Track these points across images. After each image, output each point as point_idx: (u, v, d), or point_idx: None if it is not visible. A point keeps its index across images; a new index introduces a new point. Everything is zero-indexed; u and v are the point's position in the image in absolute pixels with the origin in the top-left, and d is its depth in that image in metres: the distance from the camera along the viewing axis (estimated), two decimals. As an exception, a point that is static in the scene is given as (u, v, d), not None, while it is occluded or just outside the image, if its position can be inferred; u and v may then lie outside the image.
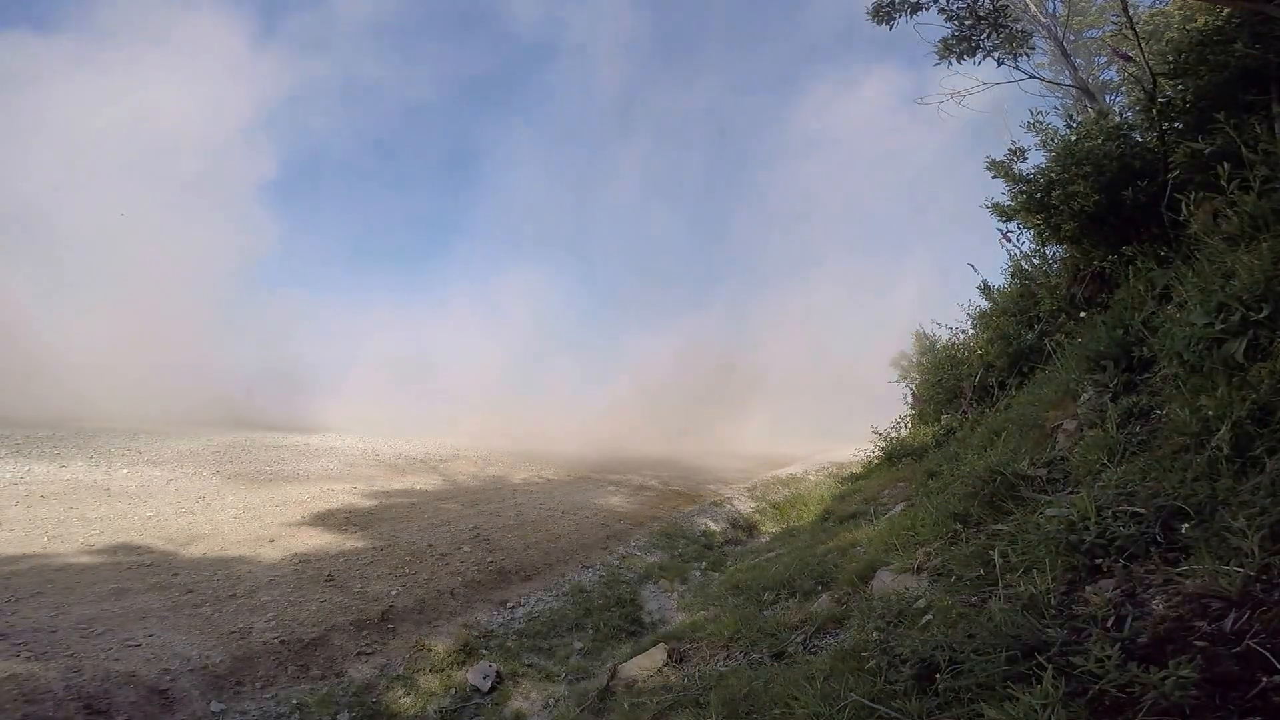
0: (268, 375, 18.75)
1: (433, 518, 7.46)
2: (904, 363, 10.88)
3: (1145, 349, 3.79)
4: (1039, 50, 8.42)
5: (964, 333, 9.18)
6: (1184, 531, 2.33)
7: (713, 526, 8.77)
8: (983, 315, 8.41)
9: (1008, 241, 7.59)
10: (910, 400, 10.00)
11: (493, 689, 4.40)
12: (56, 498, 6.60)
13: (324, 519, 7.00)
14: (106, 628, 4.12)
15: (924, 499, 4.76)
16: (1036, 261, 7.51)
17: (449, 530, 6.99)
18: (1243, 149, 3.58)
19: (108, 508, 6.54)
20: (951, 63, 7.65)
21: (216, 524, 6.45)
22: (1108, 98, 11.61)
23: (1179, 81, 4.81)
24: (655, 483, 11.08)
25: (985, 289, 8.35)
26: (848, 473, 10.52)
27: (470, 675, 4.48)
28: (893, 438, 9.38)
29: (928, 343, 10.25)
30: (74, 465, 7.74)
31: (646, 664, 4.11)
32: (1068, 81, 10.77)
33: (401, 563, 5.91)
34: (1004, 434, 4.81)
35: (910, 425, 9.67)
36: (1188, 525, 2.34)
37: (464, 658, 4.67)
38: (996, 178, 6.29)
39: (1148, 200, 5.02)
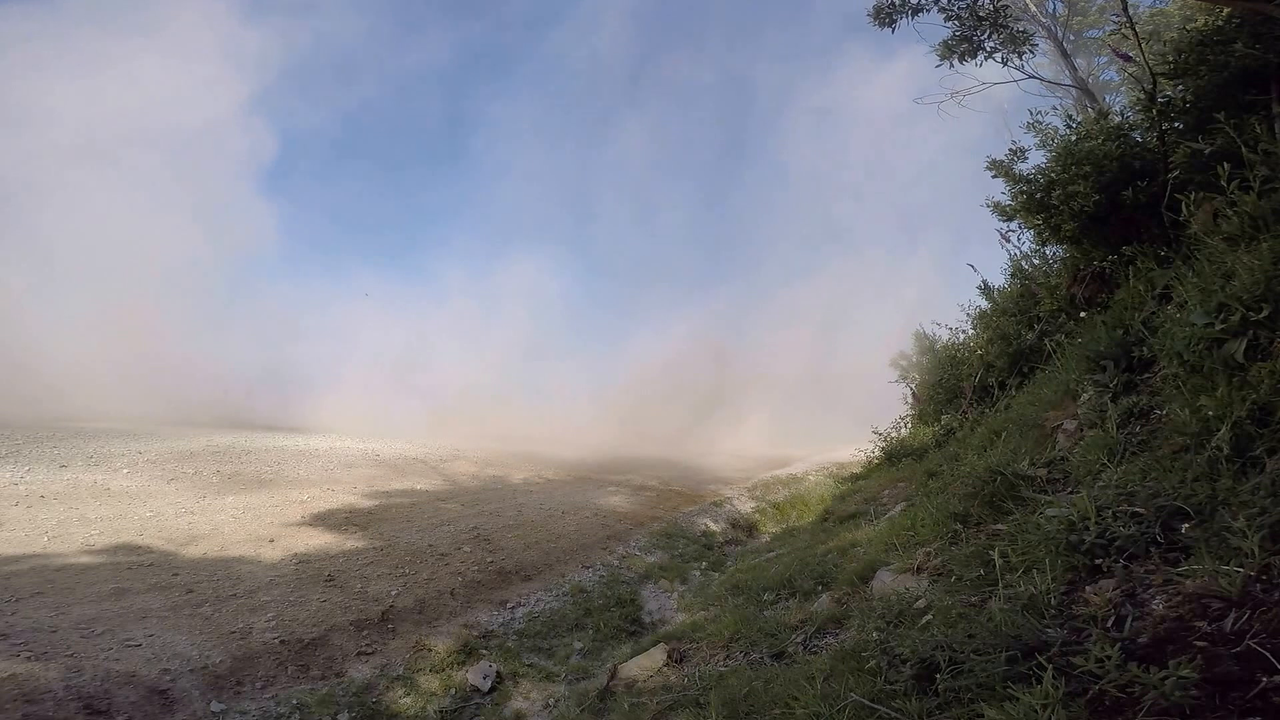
0: (264, 375, 18.43)
1: (433, 518, 7.46)
2: (904, 363, 10.85)
3: (1145, 349, 3.80)
4: (1039, 50, 8.41)
5: (964, 333, 9.19)
6: (1184, 531, 2.33)
7: (713, 526, 8.76)
8: (983, 315, 8.42)
9: (1007, 241, 7.61)
10: (910, 400, 10.01)
11: (493, 689, 4.40)
12: (56, 498, 6.60)
13: (324, 519, 7.00)
14: (106, 628, 4.12)
15: (924, 499, 4.76)
16: (1036, 261, 7.52)
17: (449, 530, 6.99)
18: (1243, 149, 3.58)
19: (108, 508, 6.53)
20: (953, 63, 7.65)
21: (216, 524, 6.45)
22: (1108, 98, 11.61)
23: (1179, 81, 4.81)
24: (655, 483, 11.08)
25: (985, 289, 8.35)
26: (848, 473, 10.51)
27: (470, 675, 4.48)
28: (893, 438, 9.38)
29: (928, 343, 10.25)
30: (74, 465, 7.74)
31: (646, 664, 4.12)
32: (1068, 81, 10.78)
33: (401, 563, 5.91)
34: (1004, 434, 4.82)
35: (910, 425, 9.68)
36: (1188, 525, 2.34)
37: (464, 658, 4.67)
38: (997, 177, 6.29)
39: (1148, 200, 5.02)
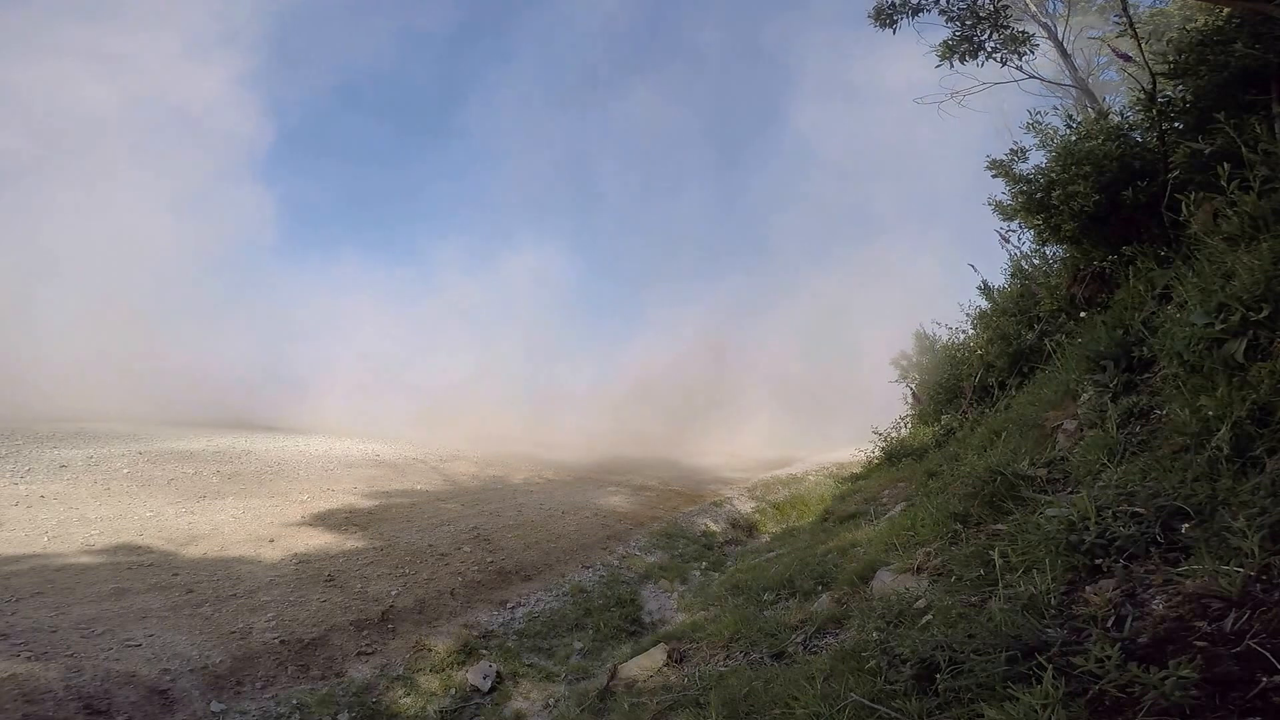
0: (261, 375, 18.11)
1: (433, 518, 7.46)
2: (904, 362, 10.86)
3: (1145, 349, 3.80)
4: (1039, 50, 8.40)
5: (964, 333, 9.19)
6: (1184, 531, 2.33)
7: (713, 526, 8.76)
8: (983, 315, 8.42)
9: (1007, 242, 7.61)
10: (910, 400, 10.01)
11: (493, 689, 4.40)
12: (56, 498, 6.61)
13: (324, 519, 7.00)
14: (106, 628, 4.12)
15: (924, 499, 4.76)
16: (1036, 261, 7.52)
17: (449, 530, 6.99)
18: (1243, 149, 3.58)
19: (108, 508, 6.54)
20: (953, 64, 7.65)
21: (216, 524, 6.45)
22: (1107, 98, 11.60)
23: (1179, 81, 4.81)
24: (655, 483, 11.08)
25: (985, 289, 8.35)
26: (848, 473, 10.50)
27: (470, 675, 4.48)
28: (893, 438, 9.37)
29: (928, 342, 10.26)
30: (74, 465, 7.74)
31: (646, 664, 4.12)
32: (1068, 81, 10.78)
33: (402, 563, 5.91)
34: (1004, 434, 4.82)
35: (910, 425, 9.67)
36: (1188, 525, 2.34)
37: (464, 658, 4.67)
38: (997, 177, 6.29)
39: (1148, 200, 5.01)
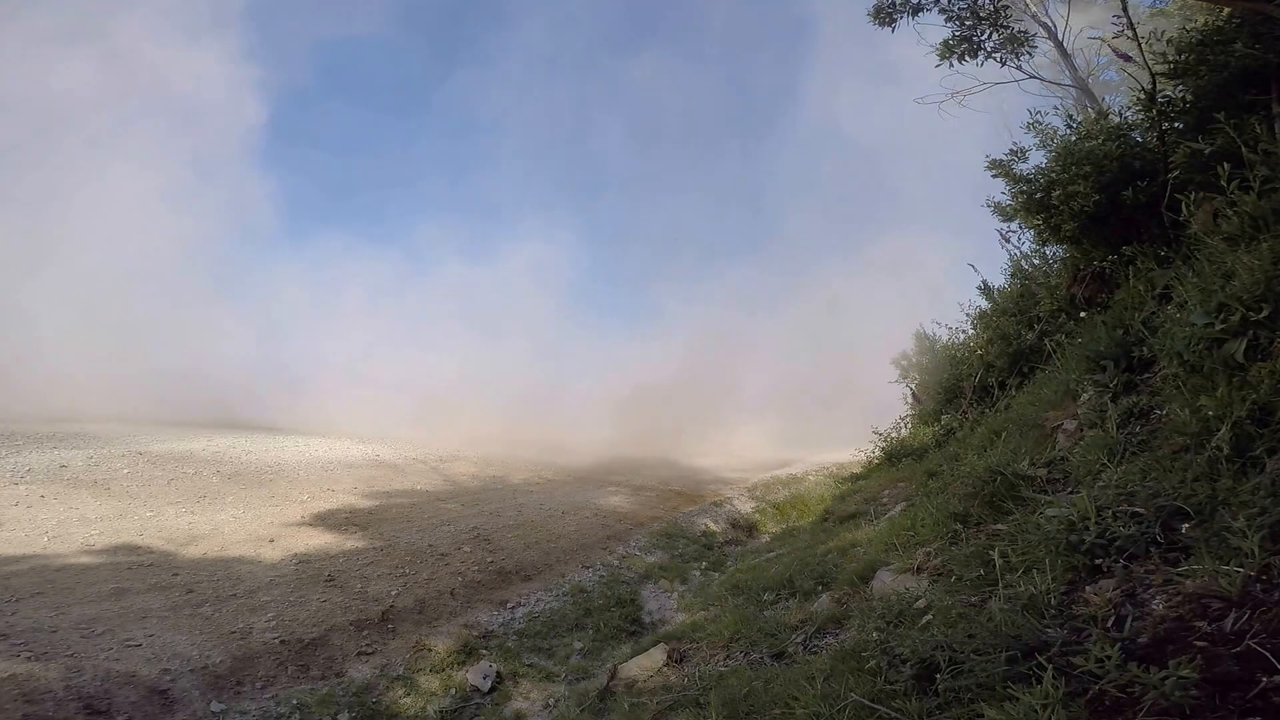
0: (259, 375, 17.88)
1: (433, 518, 7.46)
2: (904, 363, 10.86)
3: (1145, 349, 3.80)
4: (1039, 50, 8.39)
5: (964, 333, 9.19)
6: (1184, 531, 2.33)
7: (713, 527, 8.76)
8: (983, 315, 8.42)
9: (1007, 242, 7.61)
10: (910, 400, 10.01)
11: (493, 689, 4.41)
12: (56, 498, 6.60)
13: (324, 519, 7.00)
14: (106, 628, 4.12)
15: (924, 499, 4.76)
16: (1036, 261, 7.52)
17: (449, 530, 6.99)
18: (1243, 149, 3.58)
19: (108, 508, 6.54)
20: (953, 64, 7.64)
21: (216, 524, 6.45)
22: (1107, 98, 11.60)
23: (1179, 81, 4.81)
24: (655, 483, 11.08)
25: (985, 289, 8.35)
26: (848, 473, 10.51)
27: (470, 675, 4.49)
28: (893, 438, 9.37)
29: (928, 343, 10.26)
30: (74, 465, 7.74)
31: (646, 664, 4.12)
32: (1068, 81, 10.77)
33: (402, 563, 5.91)
34: (1004, 434, 4.82)
35: (910, 425, 9.67)
36: (1188, 525, 2.34)
37: (464, 658, 4.67)
38: (997, 177, 6.29)
39: (1148, 200, 5.01)
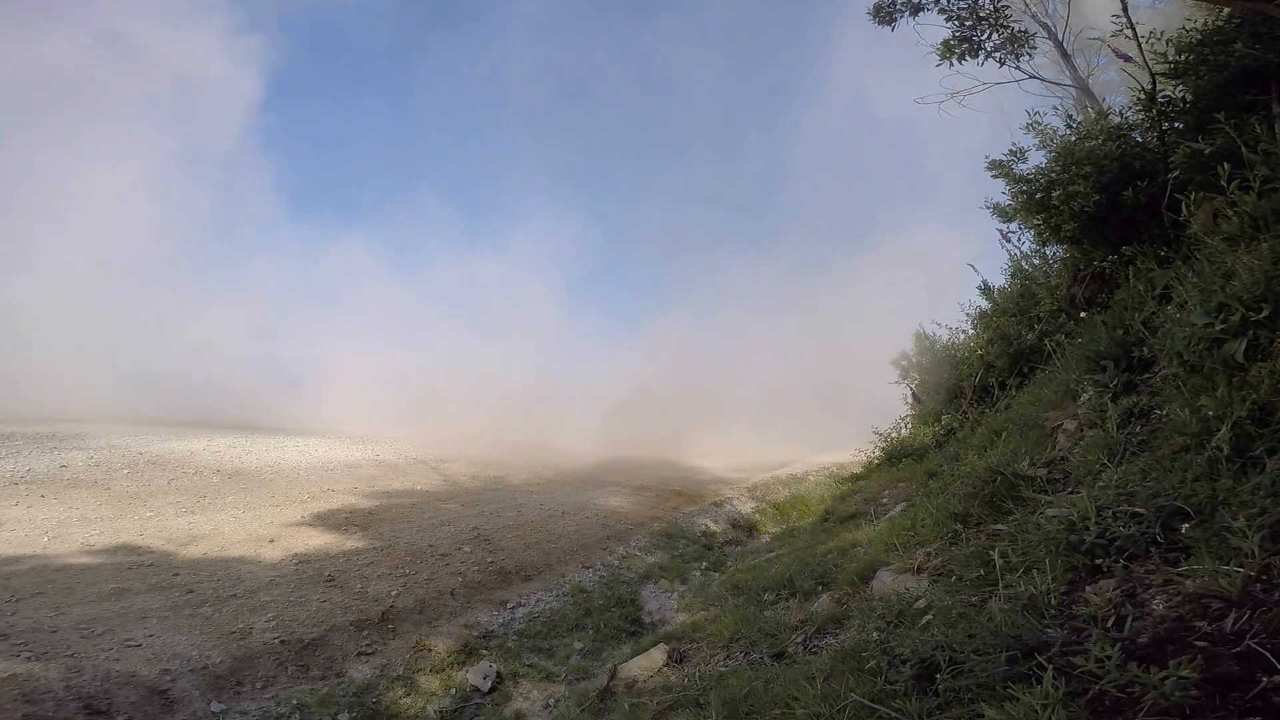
0: (253, 374, 17.76)
1: (433, 518, 7.46)
2: (904, 363, 10.86)
3: (1145, 349, 3.80)
4: (1039, 50, 8.39)
5: (964, 333, 9.19)
6: (1184, 531, 2.33)
7: (713, 527, 8.76)
8: (983, 315, 8.42)
9: (1007, 241, 7.61)
10: (910, 400, 10.01)
11: (493, 689, 4.41)
12: (56, 498, 6.60)
13: (324, 519, 7.00)
14: (106, 628, 4.12)
15: (924, 499, 4.76)
16: (1036, 261, 7.51)
17: (449, 530, 6.99)
18: (1243, 149, 3.58)
19: (108, 508, 6.54)
20: (953, 64, 7.64)
21: (216, 524, 6.45)
22: (1107, 98, 11.60)
23: (1179, 81, 4.81)
24: (655, 483, 11.07)
25: (985, 289, 8.35)
26: (848, 473, 10.51)
27: (470, 675, 4.49)
28: (893, 438, 9.37)
29: (928, 343, 10.26)
30: (74, 465, 7.74)
31: (646, 664, 4.12)
32: (1068, 81, 10.77)
33: (402, 563, 5.91)
34: (1004, 434, 4.82)
35: (910, 425, 9.67)
36: (1188, 525, 2.34)
37: (464, 658, 4.67)
38: (997, 178, 6.29)
39: (1148, 200, 5.01)
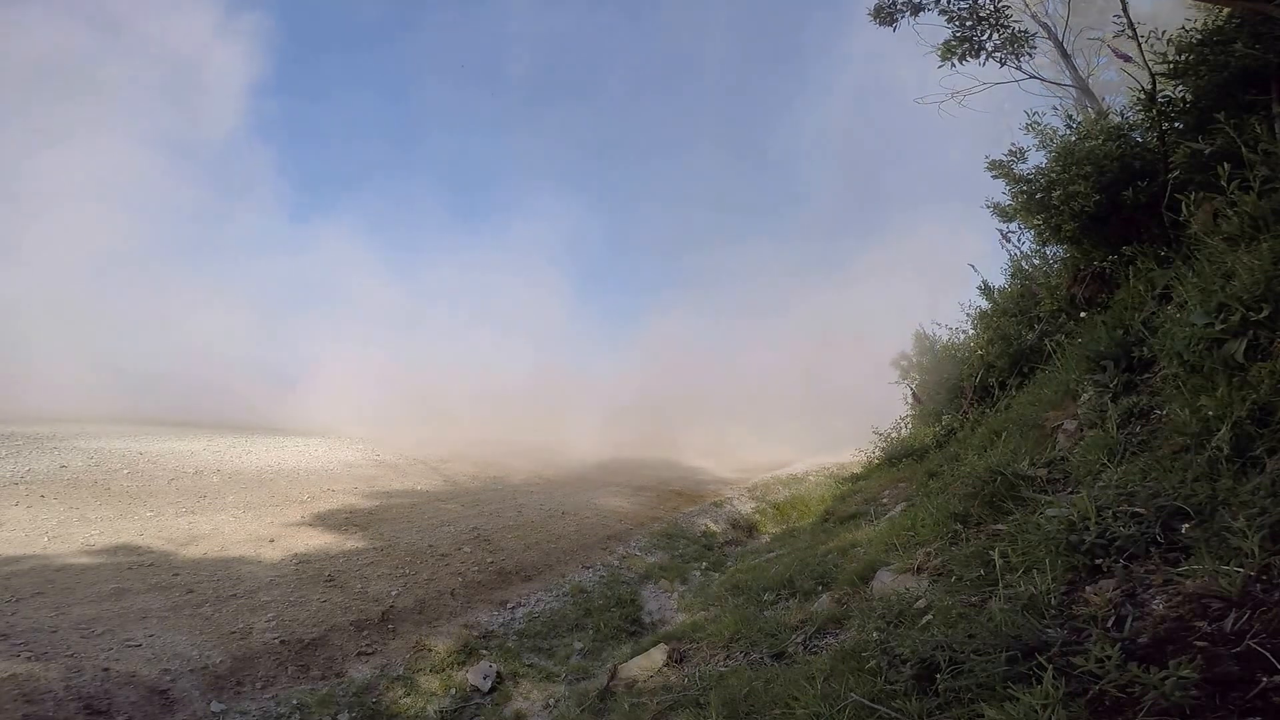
0: (255, 375, 17.39)
1: (433, 518, 7.47)
2: (904, 363, 10.86)
3: (1145, 349, 3.80)
4: (1039, 50, 8.40)
5: (964, 333, 9.19)
6: (1184, 531, 2.33)
7: (713, 527, 8.76)
8: (983, 315, 8.42)
9: (1007, 241, 7.61)
10: (911, 400, 10.00)
11: (493, 689, 4.40)
12: (56, 498, 6.60)
13: (324, 519, 7.00)
14: (106, 628, 4.12)
15: (924, 499, 4.76)
16: (1036, 261, 7.51)
17: (449, 531, 6.99)
18: (1243, 149, 3.58)
19: (108, 508, 6.54)
20: (954, 64, 7.64)
21: (216, 524, 6.45)
22: (1107, 98, 11.60)
23: (1179, 81, 4.81)
24: (655, 483, 11.08)
25: (985, 289, 8.35)
26: (848, 473, 10.51)
27: (470, 675, 4.48)
28: (893, 438, 9.38)
29: (928, 343, 10.25)
30: (74, 466, 7.74)
31: (646, 664, 4.12)
32: (1068, 81, 10.77)
33: (402, 563, 5.91)
34: (1004, 434, 4.82)
35: (911, 426, 9.67)
36: (1188, 525, 2.34)
37: (464, 658, 4.67)
38: (997, 178, 6.29)
39: (1148, 200, 5.02)
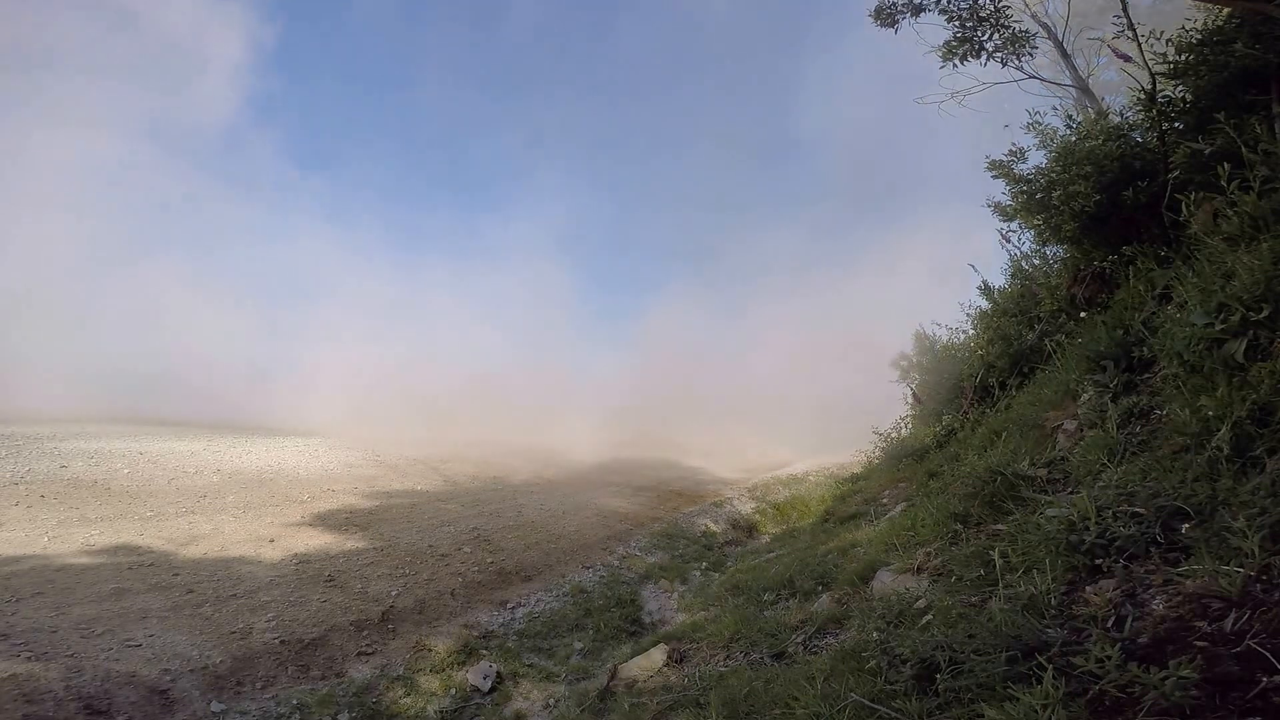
0: (253, 375, 17.26)
1: (433, 518, 7.47)
2: (904, 363, 10.86)
3: (1145, 349, 3.80)
4: (1039, 50, 8.40)
5: (964, 333, 9.19)
6: (1184, 531, 2.33)
7: (713, 527, 8.76)
8: (983, 315, 8.41)
9: (1007, 242, 7.60)
10: (911, 400, 10.00)
11: (493, 689, 4.40)
12: (56, 498, 6.60)
13: (324, 519, 7.00)
14: (107, 628, 4.12)
15: (924, 499, 4.76)
16: (1037, 261, 7.51)
17: (449, 531, 6.99)
18: (1243, 149, 3.58)
19: (108, 508, 6.54)
20: (955, 65, 7.64)
21: (217, 524, 6.45)
22: (1107, 98, 11.60)
23: (1179, 81, 4.81)
24: (655, 483, 11.08)
25: (985, 289, 8.35)
26: (848, 474, 10.51)
27: (470, 675, 4.48)
28: (893, 438, 9.38)
29: (928, 343, 10.25)
30: (74, 465, 7.74)
31: (646, 664, 4.12)
32: (1068, 81, 10.76)
33: (402, 563, 5.91)
34: (1004, 434, 4.81)
35: (911, 426, 9.67)
36: (1188, 525, 2.34)
37: (464, 658, 4.67)
38: (997, 178, 6.28)
39: (1148, 200, 5.01)
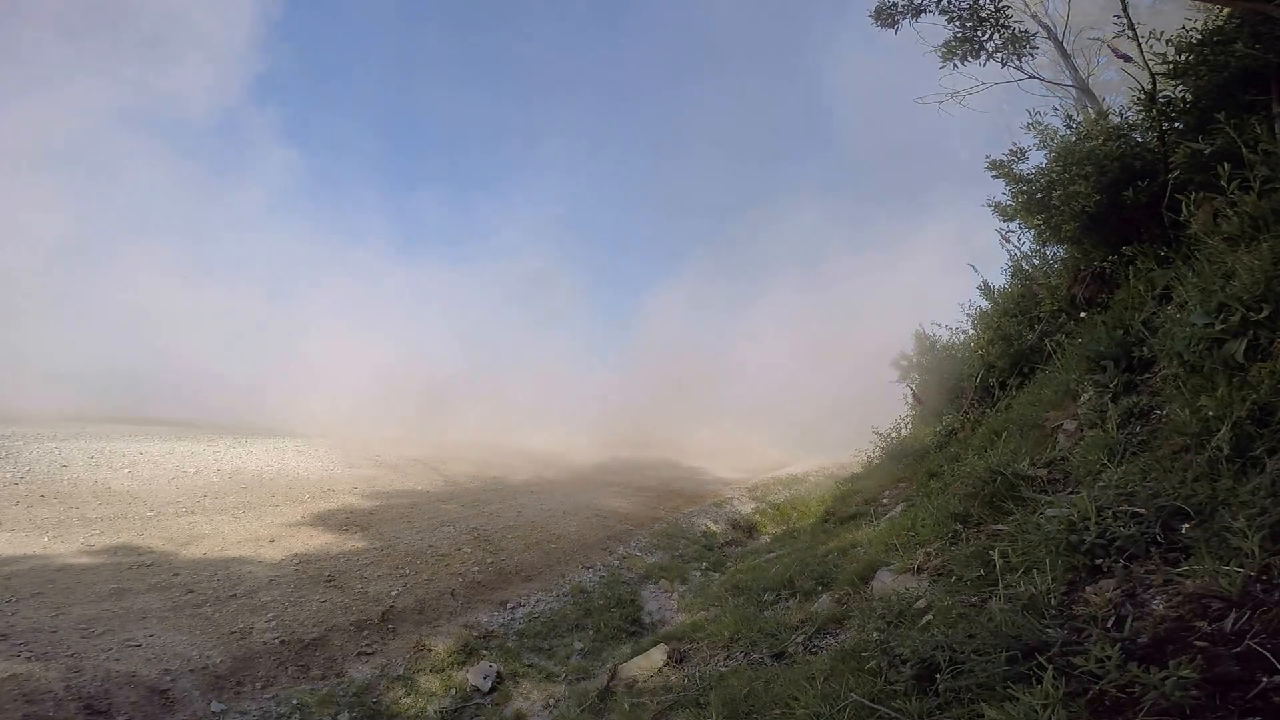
0: (253, 375, 17.30)
1: (433, 518, 7.47)
2: (904, 363, 10.86)
3: (1145, 349, 3.80)
4: (1039, 50, 8.40)
5: (964, 333, 9.19)
6: (1184, 531, 2.33)
7: (713, 527, 8.76)
8: (983, 315, 8.41)
9: (1007, 242, 7.60)
10: (911, 401, 10.00)
11: (493, 689, 4.40)
12: (56, 498, 6.60)
13: (324, 519, 7.00)
14: (107, 628, 4.12)
15: (924, 499, 4.76)
16: (1037, 262, 7.51)
17: (449, 531, 6.99)
18: (1243, 149, 3.58)
19: (108, 508, 6.54)
20: (956, 65, 7.64)
21: (217, 524, 6.45)
22: (1107, 98, 11.60)
23: (1179, 81, 4.81)
24: (655, 483, 11.09)
25: (985, 289, 8.35)
26: (848, 474, 10.52)
27: (470, 675, 4.48)
28: (893, 438, 9.38)
29: (928, 343, 10.25)
30: (74, 465, 7.74)
31: (646, 664, 4.12)
32: (1068, 81, 10.76)
33: (402, 563, 5.91)
34: (1005, 434, 4.81)
35: (911, 426, 9.67)
36: (1188, 525, 2.34)
37: (464, 658, 4.67)
38: (997, 178, 6.29)
39: (1148, 200, 5.01)
